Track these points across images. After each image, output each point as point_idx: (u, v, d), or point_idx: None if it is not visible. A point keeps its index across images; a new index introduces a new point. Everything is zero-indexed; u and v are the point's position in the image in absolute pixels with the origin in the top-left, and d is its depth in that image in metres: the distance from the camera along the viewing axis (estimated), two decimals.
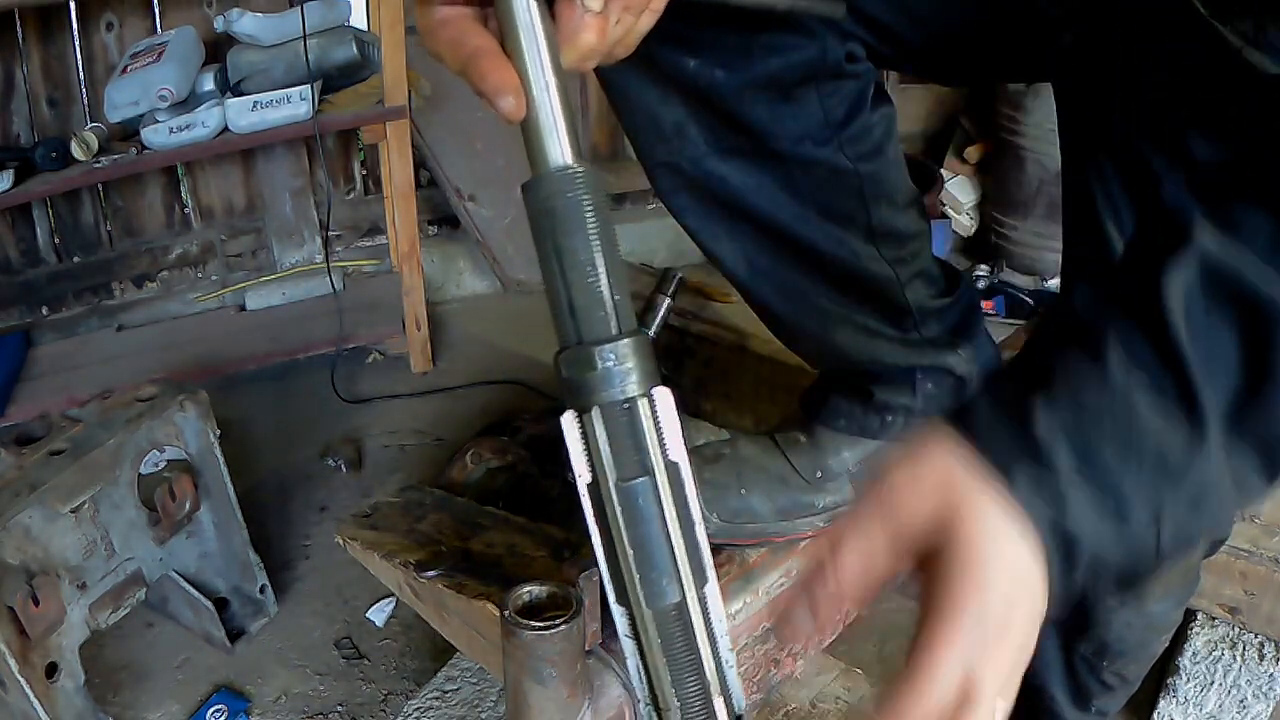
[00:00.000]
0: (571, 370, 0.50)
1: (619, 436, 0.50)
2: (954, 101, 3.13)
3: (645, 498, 0.51)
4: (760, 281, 0.96)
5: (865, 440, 1.02)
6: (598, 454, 0.51)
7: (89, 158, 2.11)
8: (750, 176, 0.89)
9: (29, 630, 1.32)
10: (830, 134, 0.87)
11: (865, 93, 0.89)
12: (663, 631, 0.53)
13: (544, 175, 0.52)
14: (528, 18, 0.52)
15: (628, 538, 0.51)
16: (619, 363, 0.49)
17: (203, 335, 2.53)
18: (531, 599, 0.85)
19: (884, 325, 0.98)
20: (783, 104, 0.85)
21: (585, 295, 0.50)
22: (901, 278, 0.96)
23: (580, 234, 0.50)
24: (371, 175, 2.81)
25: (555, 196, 0.51)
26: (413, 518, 1.29)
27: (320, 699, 1.64)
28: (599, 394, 0.50)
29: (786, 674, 1.10)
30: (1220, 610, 1.43)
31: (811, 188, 0.90)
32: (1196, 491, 0.50)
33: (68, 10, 2.31)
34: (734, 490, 1.01)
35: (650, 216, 3.00)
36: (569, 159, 0.52)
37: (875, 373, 1.00)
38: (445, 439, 2.28)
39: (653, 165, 0.91)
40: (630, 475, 0.51)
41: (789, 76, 0.83)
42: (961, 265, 2.93)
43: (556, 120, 0.52)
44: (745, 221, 0.92)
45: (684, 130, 0.87)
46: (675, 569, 0.52)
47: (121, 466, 1.46)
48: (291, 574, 1.91)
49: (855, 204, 0.91)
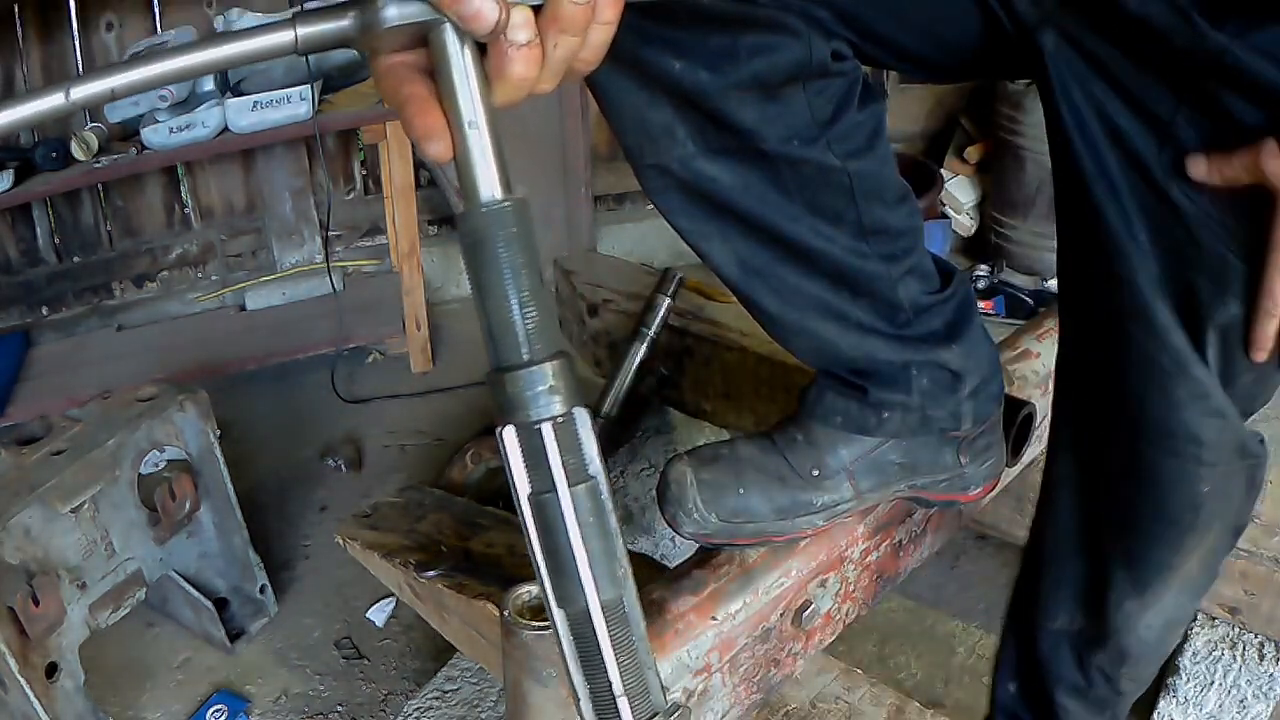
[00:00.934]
0: (493, 391, 0.55)
1: (529, 454, 0.55)
2: (954, 101, 3.13)
3: (552, 510, 0.56)
4: (752, 280, 0.97)
5: (862, 437, 1.02)
6: (514, 469, 0.56)
7: (89, 158, 2.11)
8: (739, 176, 0.90)
9: (29, 630, 1.32)
10: (818, 132, 0.88)
11: (853, 91, 0.90)
12: (574, 631, 0.59)
13: (469, 211, 0.56)
14: (459, 60, 0.55)
15: (539, 546, 0.57)
16: (529, 388, 0.54)
17: (203, 335, 2.53)
18: (531, 599, 0.85)
19: (877, 321, 0.98)
20: (769, 103, 0.86)
21: (499, 324, 0.55)
22: (894, 274, 0.96)
23: (494, 267, 0.55)
24: (371, 175, 2.81)
25: (475, 232, 0.56)
26: (413, 518, 1.29)
27: (320, 699, 1.64)
28: (511, 415, 0.55)
29: (786, 674, 1.10)
30: (1220, 610, 1.43)
31: (800, 186, 0.90)
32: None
33: (68, 10, 2.31)
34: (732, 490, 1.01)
35: (650, 217, 3.00)
36: (495, 194, 0.56)
37: (870, 370, 1.00)
38: (445, 439, 2.29)
39: (642, 167, 0.92)
40: (539, 490, 0.56)
41: (774, 76, 0.84)
42: (961, 265, 2.93)
43: (484, 158, 0.56)
44: (735, 221, 0.93)
45: (672, 131, 0.87)
46: (579, 578, 0.57)
47: (121, 466, 1.46)
48: (291, 574, 1.91)
49: (845, 202, 0.92)
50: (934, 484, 1.07)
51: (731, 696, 1.03)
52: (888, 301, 0.98)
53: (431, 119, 0.56)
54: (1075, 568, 1.07)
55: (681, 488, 1.00)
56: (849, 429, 1.02)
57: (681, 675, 0.96)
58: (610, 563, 0.58)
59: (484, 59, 0.56)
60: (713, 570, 1.02)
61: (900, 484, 1.05)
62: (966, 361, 1.02)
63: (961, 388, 1.02)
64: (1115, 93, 0.80)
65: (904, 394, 1.01)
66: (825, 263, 0.94)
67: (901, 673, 1.64)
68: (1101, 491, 1.02)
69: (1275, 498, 1.44)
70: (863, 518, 1.11)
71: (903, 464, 1.04)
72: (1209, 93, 0.75)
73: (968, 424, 1.04)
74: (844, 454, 1.03)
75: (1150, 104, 0.78)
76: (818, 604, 1.08)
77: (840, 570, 1.09)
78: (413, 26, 0.54)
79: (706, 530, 1.00)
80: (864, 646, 1.67)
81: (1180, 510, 0.96)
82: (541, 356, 0.54)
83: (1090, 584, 1.06)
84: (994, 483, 1.11)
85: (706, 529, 1.00)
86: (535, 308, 0.55)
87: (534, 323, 0.55)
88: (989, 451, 1.08)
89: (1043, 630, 1.12)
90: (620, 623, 0.59)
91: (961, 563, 1.79)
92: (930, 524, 1.22)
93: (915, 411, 1.01)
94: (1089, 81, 0.81)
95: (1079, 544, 1.06)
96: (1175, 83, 0.77)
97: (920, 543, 1.22)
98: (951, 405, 1.02)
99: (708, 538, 1.01)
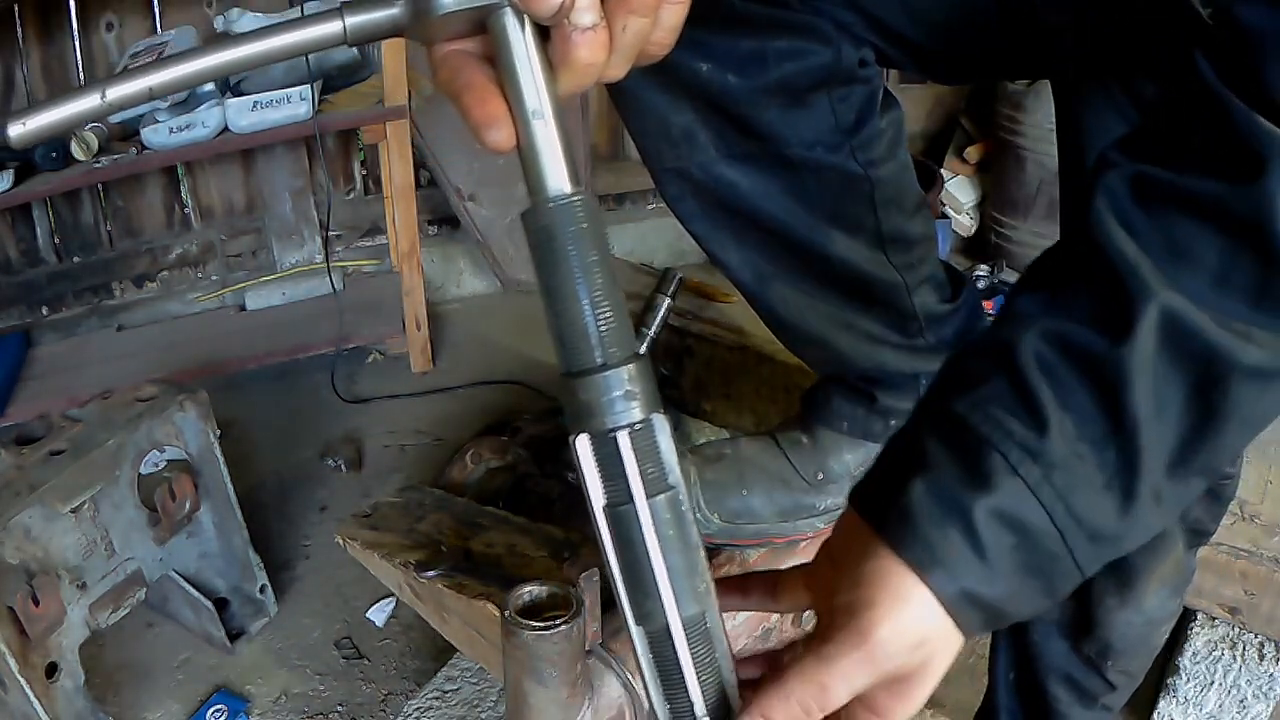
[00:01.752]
0: (564, 398, 0.52)
1: (604, 464, 0.52)
2: (954, 101, 3.13)
3: (630, 523, 0.52)
4: (767, 288, 0.96)
5: (867, 443, 1.02)
6: (589, 480, 0.52)
7: (89, 158, 2.11)
8: (760, 182, 0.88)
9: (29, 630, 1.32)
10: (842, 139, 0.87)
11: (875, 97, 0.89)
12: (654, 650, 0.55)
13: (536, 206, 0.52)
14: (520, 46, 0.51)
15: (616, 561, 0.54)
16: (604, 393, 0.51)
17: (203, 335, 2.53)
18: (531, 599, 0.85)
19: (890, 332, 0.98)
20: (796, 109, 0.85)
21: (569, 326, 0.51)
22: (910, 284, 0.96)
23: (564, 266, 0.51)
24: (371, 175, 2.81)
25: (543, 229, 0.51)
26: (413, 518, 1.29)
27: (320, 699, 1.64)
28: (584, 423, 0.51)
29: None
30: (1220, 610, 1.43)
31: (822, 193, 0.89)
32: (1118, 541, 0.53)
33: (67, 10, 2.31)
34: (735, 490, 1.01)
35: (650, 216, 3.00)
36: (563, 188, 0.52)
37: (878, 377, 1.00)
38: (445, 439, 2.28)
39: (660, 171, 0.90)
40: (616, 501, 0.52)
41: (803, 82, 0.83)
42: (961, 265, 2.93)
43: (551, 149, 0.52)
44: (753, 228, 0.92)
45: (693, 135, 0.86)
46: (658, 594, 0.54)
47: (121, 466, 1.46)
48: (291, 574, 1.91)
49: (865, 210, 0.91)
50: None
51: None
52: (901, 311, 0.97)
53: (491, 106, 0.52)
54: None
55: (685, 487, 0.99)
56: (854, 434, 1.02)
57: None
58: (692, 577, 0.55)
59: (547, 44, 0.52)
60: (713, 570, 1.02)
61: None
62: None
63: None
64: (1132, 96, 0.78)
65: (911, 401, 1.00)
66: (842, 271, 0.94)
67: None
68: None
69: (1275, 498, 1.44)
70: None
71: None
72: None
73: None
74: (849, 459, 1.02)
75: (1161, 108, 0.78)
76: None
77: None
78: (470, 11, 0.50)
79: (709, 530, 1.00)
80: None
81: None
82: (616, 360, 0.51)
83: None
84: None
85: (709, 529, 1.00)
86: (608, 307, 0.51)
87: (607, 323, 0.51)
88: None
89: (1034, 622, 1.13)
90: (703, 640, 0.56)
91: None
92: None
93: None
94: (1110, 83, 0.79)
95: None
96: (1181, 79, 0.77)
97: None
98: None
99: (709, 538, 1.01)
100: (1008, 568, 0.51)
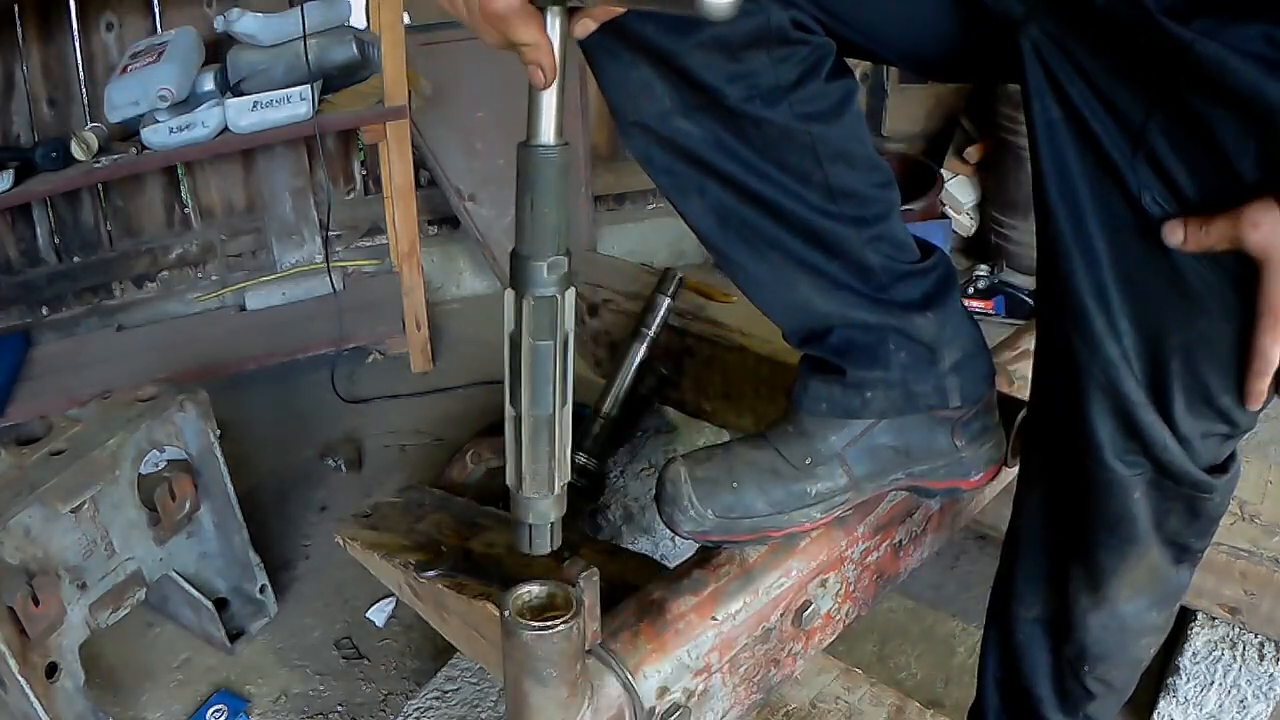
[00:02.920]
0: (519, 268, 0.75)
1: (539, 315, 0.76)
2: (954, 101, 3.12)
3: (547, 354, 0.77)
4: (729, 235, 1.00)
5: (850, 421, 1.03)
6: (524, 322, 0.76)
7: (89, 158, 2.11)
8: (710, 132, 0.94)
9: (29, 630, 1.32)
10: (781, 95, 0.92)
11: (821, 62, 0.94)
12: (534, 429, 0.80)
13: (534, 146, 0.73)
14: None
15: (532, 373, 0.78)
16: (552, 272, 0.75)
17: (203, 335, 2.53)
18: (531, 599, 0.85)
19: (852, 280, 1.01)
20: (731, 63, 0.90)
21: (542, 227, 0.74)
22: (862, 237, 0.99)
23: (549, 192, 0.73)
24: (371, 175, 2.81)
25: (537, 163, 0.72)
26: (413, 518, 1.29)
27: (320, 699, 1.64)
28: (535, 288, 0.75)
29: (786, 674, 1.10)
30: (1220, 610, 1.43)
31: (765, 144, 0.95)
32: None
33: (67, 10, 2.31)
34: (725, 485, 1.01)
35: (650, 216, 3.00)
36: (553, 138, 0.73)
37: (846, 347, 1.01)
38: (445, 439, 2.29)
39: (626, 125, 0.97)
40: (542, 339, 0.76)
41: (735, 40, 0.89)
42: (961, 265, 2.93)
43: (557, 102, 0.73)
44: (711, 175, 0.97)
45: (650, 89, 0.93)
46: (553, 393, 0.79)
47: (121, 466, 1.46)
48: (291, 574, 1.91)
49: (811, 162, 0.96)
50: (932, 470, 1.07)
51: (731, 696, 1.03)
52: (858, 261, 1.00)
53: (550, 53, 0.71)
54: (1044, 558, 1.08)
55: (677, 486, 1.00)
56: (836, 413, 1.03)
57: (681, 675, 0.96)
58: (568, 388, 0.81)
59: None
60: (713, 570, 1.02)
61: (897, 472, 1.06)
62: (942, 332, 1.03)
63: (940, 361, 1.03)
64: (1092, 95, 0.80)
65: (883, 369, 1.02)
66: (795, 219, 0.98)
67: (901, 673, 1.64)
68: (1058, 490, 1.03)
69: (1275, 498, 1.44)
70: (863, 517, 1.11)
71: (896, 448, 1.04)
72: (1179, 96, 0.75)
73: (955, 400, 1.04)
74: (834, 440, 1.03)
75: (1123, 108, 0.79)
76: (818, 604, 1.08)
77: (840, 570, 1.09)
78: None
79: (704, 528, 1.00)
80: (864, 646, 1.67)
81: (1116, 519, 0.97)
82: (563, 251, 0.75)
83: (1055, 575, 1.07)
84: (996, 468, 1.11)
85: (704, 526, 1.00)
86: (565, 219, 0.75)
87: (563, 228, 0.75)
88: (986, 435, 1.09)
89: (1019, 620, 1.13)
90: (565, 428, 0.82)
91: (961, 563, 1.79)
92: (930, 524, 1.22)
93: (897, 387, 1.02)
94: (1067, 83, 0.81)
95: (1045, 536, 1.07)
96: (1146, 86, 0.77)
97: (920, 543, 1.22)
98: (933, 379, 1.03)
99: (705, 535, 1.01)
100: None
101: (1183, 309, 0.83)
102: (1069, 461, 0.97)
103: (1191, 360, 0.86)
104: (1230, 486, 0.99)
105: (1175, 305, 0.84)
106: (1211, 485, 0.96)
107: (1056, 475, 1.02)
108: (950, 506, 1.24)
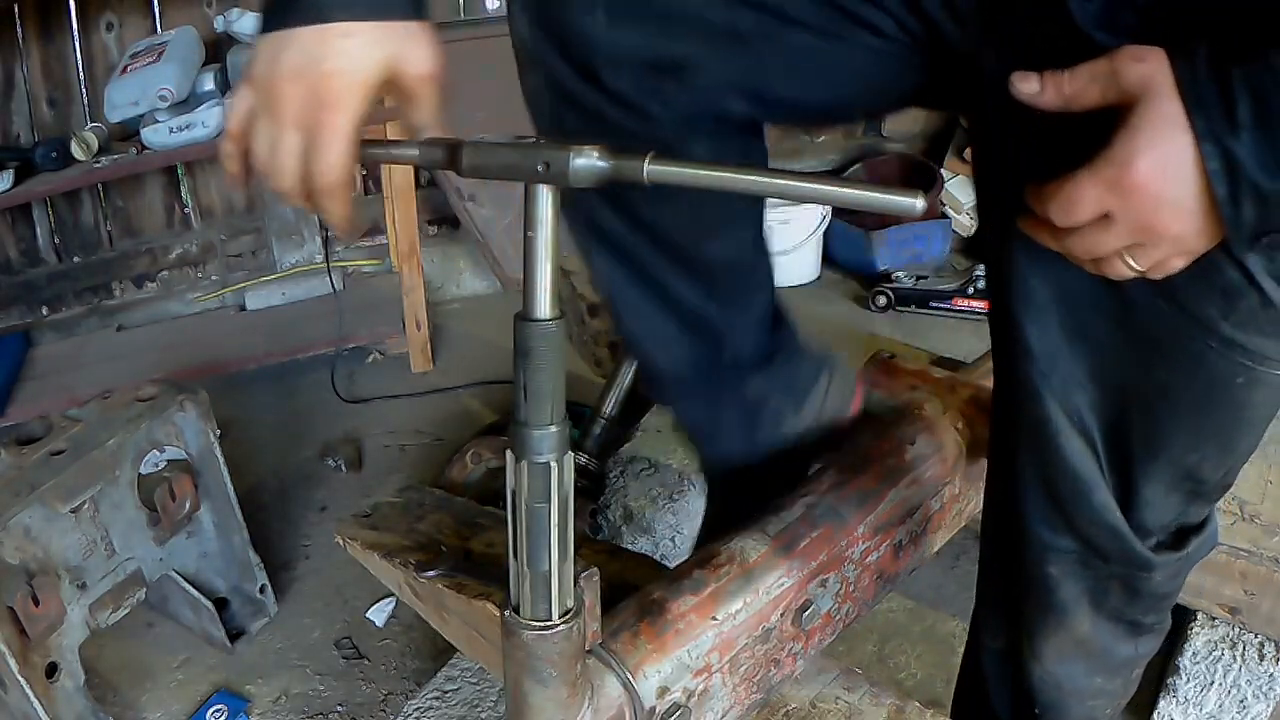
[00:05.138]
0: (516, 434, 0.76)
1: (534, 480, 0.76)
2: None
3: (543, 515, 0.78)
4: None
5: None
6: (521, 485, 0.77)
7: (89, 158, 2.11)
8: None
9: (29, 630, 1.32)
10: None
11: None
12: (532, 583, 0.81)
13: (531, 320, 0.74)
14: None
15: (530, 532, 0.79)
16: (547, 439, 0.75)
17: (203, 335, 2.54)
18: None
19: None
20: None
21: (537, 397, 0.74)
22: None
23: (546, 364, 0.74)
24: (371, 175, 2.81)
25: (533, 337, 0.74)
26: (413, 518, 1.29)
27: (320, 699, 1.64)
28: (531, 455, 0.76)
29: (786, 674, 1.10)
30: (1220, 610, 1.43)
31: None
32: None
33: (67, 10, 2.31)
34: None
35: None
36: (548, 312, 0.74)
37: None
38: (445, 439, 2.29)
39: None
40: (537, 501, 0.77)
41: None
42: (961, 265, 2.93)
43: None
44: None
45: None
46: (549, 551, 0.79)
47: (121, 466, 1.46)
48: (291, 574, 1.91)
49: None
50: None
51: (731, 696, 1.03)
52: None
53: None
54: (1002, 591, 1.07)
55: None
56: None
57: (681, 675, 0.96)
58: (568, 545, 0.81)
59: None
60: (713, 570, 1.02)
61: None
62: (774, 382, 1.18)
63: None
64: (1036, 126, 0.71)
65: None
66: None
67: (901, 673, 1.64)
68: (1000, 534, 1.02)
69: (1275, 498, 1.44)
70: (863, 517, 1.11)
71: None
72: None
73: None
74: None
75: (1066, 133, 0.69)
76: (818, 604, 1.08)
77: (840, 570, 1.10)
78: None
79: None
80: (864, 646, 1.67)
81: (1030, 581, 0.96)
82: (558, 420, 0.75)
83: (1010, 612, 1.06)
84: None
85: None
86: (560, 390, 0.75)
87: (559, 398, 0.75)
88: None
89: (985, 647, 1.13)
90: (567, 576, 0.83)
91: (961, 563, 1.79)
92: (930, 524, 1.22)
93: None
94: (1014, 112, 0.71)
95: (1001, 575, 1.06)
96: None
97: (920, 543, 1.22)
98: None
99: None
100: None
101: (1137, 357, 0.79)
102: (996, 507, 0.98)
103: (1151, 414, 0.81)
104: (1186, 564, 0.94)
105: (1130, 353, 0.79)
106: (1150, 563, 0.91)
107: (996, 517, 1.02)
108: (950, 506, 1.25)
